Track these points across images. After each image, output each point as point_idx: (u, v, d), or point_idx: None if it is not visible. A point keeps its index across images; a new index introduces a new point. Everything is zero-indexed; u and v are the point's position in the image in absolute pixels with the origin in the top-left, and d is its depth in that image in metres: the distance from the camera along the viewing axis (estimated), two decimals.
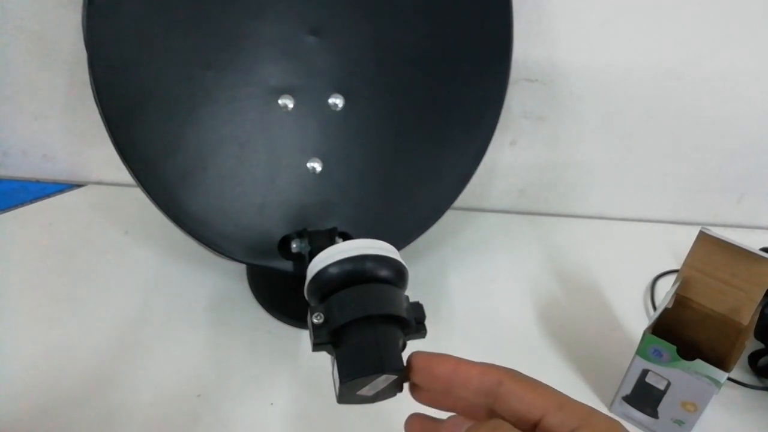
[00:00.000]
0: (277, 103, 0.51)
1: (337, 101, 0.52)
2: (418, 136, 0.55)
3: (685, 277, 0.48)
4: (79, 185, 0.72)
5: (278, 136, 0.51)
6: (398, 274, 0.32)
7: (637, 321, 0.59)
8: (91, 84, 0.47)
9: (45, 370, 0.49)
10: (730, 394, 0.52)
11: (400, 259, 0.33)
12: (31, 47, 0.63)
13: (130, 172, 0.49)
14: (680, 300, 0.49)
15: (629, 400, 0.48)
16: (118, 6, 0.46)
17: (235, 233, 0.51)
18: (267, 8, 0.50)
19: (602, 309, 0.61)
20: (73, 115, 0.68)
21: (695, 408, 0.45)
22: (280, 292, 0.57)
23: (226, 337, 0.54)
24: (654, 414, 0.47)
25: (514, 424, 0.24)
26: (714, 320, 0.48)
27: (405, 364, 0.29)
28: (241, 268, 0.61)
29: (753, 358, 0.55)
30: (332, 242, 0.49)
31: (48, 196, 0.69)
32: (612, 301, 0.62)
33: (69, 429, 0.45)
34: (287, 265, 0.52)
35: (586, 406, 0.25)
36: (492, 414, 0.26)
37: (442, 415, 0.30)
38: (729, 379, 0.47)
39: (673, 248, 0.69)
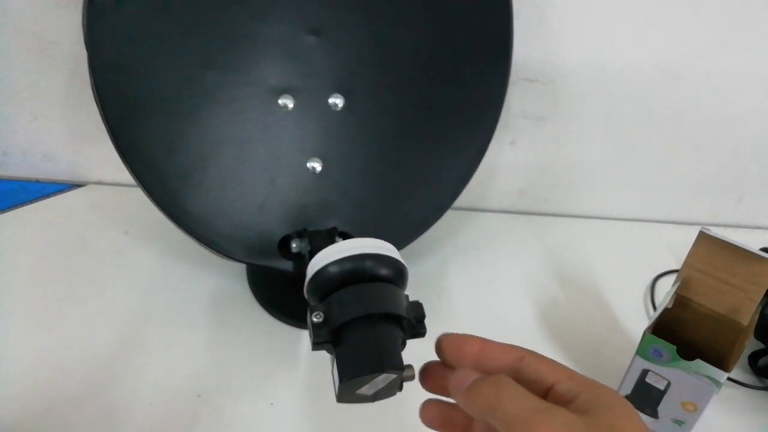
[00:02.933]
0: (277, 103, 0.51)
1: (337, 101, 0.52)
2: (418, 135, 0.55)
3: (685, 277, 0.48)
4: (79, 185, 0.72)
5: (278, 136, 0.51)
6: (398, 273, 0.32)
7: (637, 321, 0.59)
8: (91, 84, 0.47)
9: (45, 370, 0.49)
10: (730, 394, 0.52)
11: (399, 258, 0.33)
12: (31, 47, 0.63)
13: (130, 172, 0.48)
14: (680, 300, 0.49)
15: (629, 400, 0.48)
16: (118, 6, 0.46)
17: (235, 233, 0.51)
18: (267, 8, 0.50)
19: (602, 309, 0.61)
20: (73, 115, 0.68)
21: (695, 408, 0.45)
22: (280, 292, 0.57)
23: (226, 337, 0.54)
24: (654, 414, 0.47)
25: (529, 390, 0.26)
26: (714, 320, 0.48)
27: (408, 361, 0.29)
28: (241, 268, 0.61)
29: (753, 358, 0.55)
30: (332, 242, 0.49)
31: (48, 196, 0.69)
32: (612, 301, 0.62)
33: (69, 429, 0.45)
34: (287, 265, 0.52)
35: (596, 381, 0.27)
36: None
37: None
38: (729, 379, 0.47)
39: (673, 248, 0.69)
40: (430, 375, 0.31)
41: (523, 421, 0.24)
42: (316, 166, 0.53)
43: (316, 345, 0.30)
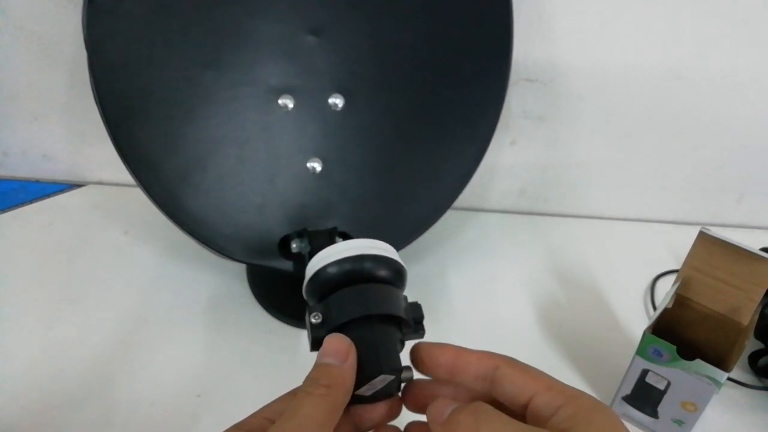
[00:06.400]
0: (277, 102, 0.51)
1: (337, 101, 0.52)
2: (418, 136, 0.55)
3: (685, 277, 0.48)
4: (79, 185, 0.72)
5: (278, 136, 0.51)
6: (397, 274, 0.32)
7: (637, 321, 0.59)
8: (91, 84, 0.47)
9: (45, 370, 0.49)
10: (730, 394, 0.52)
11: (398, 259, 0.32)
12: (31, 47, 0.63)
13: (130, 172, 0.49)
14: (680, 300, 0.49)
15: (629, 400, 0.48)
16: (118, 6, 0.46)
17: (235, 233, 0.51)
18: (267, 8, 0.50)
19: (602, 309, 0.61)
20: (73, 115, 0.68)
21: (695, 408, 0.45)
22: (280, 292, 0.57)
23: (226, 337, 0.54)
24: (654, 414, 0.47)
25: (508, 406, 0.26)
26: (714, 320, 0.48)
27: (406, 362, 0.29)
28: (241, 268, 0.61)
29: (753, 358, 0.55)
30: (332, 242, 0.49)
31: (48, 196, 0.69)
32: (612, 301, 0.62)
33: (69, 429, 0.45)
34: (287, 265, 0.52)
35: (574, 388, 0.26)
36: (487, 401, 0.27)
37: None
38: (729, 379, 0.47)
39: (673, 248, 0.69)
40: (412, 396, 0.30)
41: None
42: (316, 166, 0.53)
43: (315, 345, 0.30)
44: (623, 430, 0.24)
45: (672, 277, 0.64)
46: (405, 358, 0.31)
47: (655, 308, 0.61)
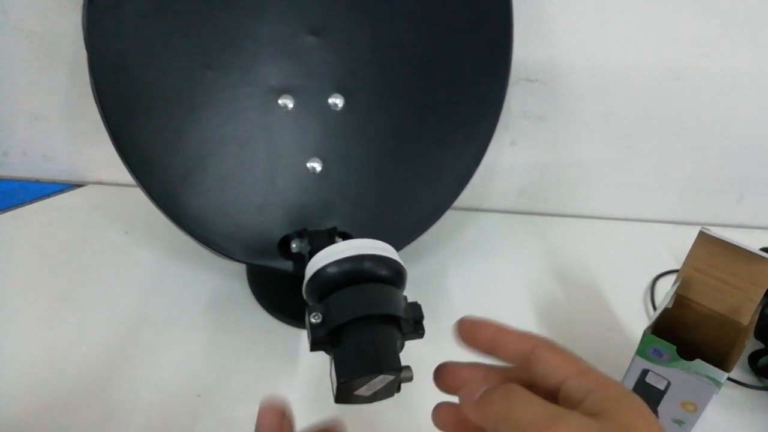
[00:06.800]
0: (277, 103, 0.51)
1: (337, 101, 0.52)
2: (417, 135, 0.55)
3: (685, 277, 0.48)
4: (79, 185, 0.72)
5: (278, 136, 0.51)
6: (397, 274, 0.32)
7: (637, 321, 0.59)
8: (91, 84, 0.47)
9: (45, 370, 0.49)
10: (730, 394, 0.52)
11: (398, 259, 0.32)
12: (31, 47, 0.63)
13: (130, 172, 0.49)
14: (680, 300, 0.49)
15: None
16: (118, 6, 0.46)
17: (235, 233, 0.51)
18: (267, 8, 0.50)
19: (602, 309, 0.61)
20: (73, 115, 0.68)
21: (695, 408, 0.45)
22: (280, 292, 0.57)
23: (226, 337, 0.54)
24: (654, 414, 0.47)
25: (541, 387, 0.27)
26: (714, 320, 0.48)
27: (406, 362, 0.29)
28: (241, 268, 0.61)
29: (753, 358, 0.55)
30: (332, 242, 0.49)
31: (48, 196, 0.69)
32: (612, 301, 0.62)
33: (69, 429, 0.45)
34: (287, 265, 0.52)
35: (607, 376, 0.26)
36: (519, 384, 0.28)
37: None
38: (729, 379, 0.47)
39: (673, 248, 0.69)
40: (443, 375, 0.30)
41: (538, 428, 0.24)
42: (316, 166, 0.53)
43: (314, 345, 0.30)
44: (651, 418, 0.25)
45: (672, 277, 0.64)
46: (405, 357, 0.31)
47: (655, 308, 0.61)
